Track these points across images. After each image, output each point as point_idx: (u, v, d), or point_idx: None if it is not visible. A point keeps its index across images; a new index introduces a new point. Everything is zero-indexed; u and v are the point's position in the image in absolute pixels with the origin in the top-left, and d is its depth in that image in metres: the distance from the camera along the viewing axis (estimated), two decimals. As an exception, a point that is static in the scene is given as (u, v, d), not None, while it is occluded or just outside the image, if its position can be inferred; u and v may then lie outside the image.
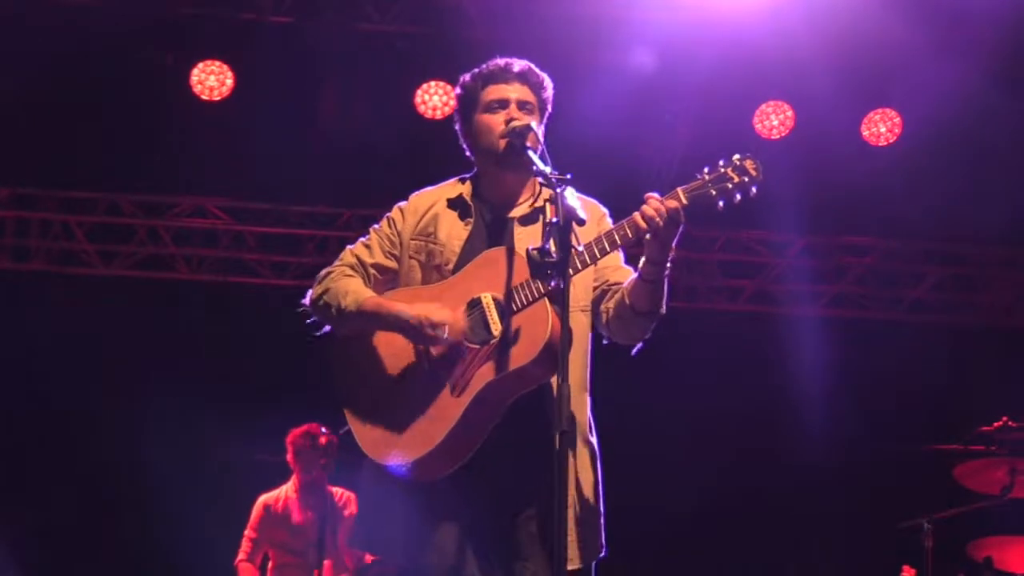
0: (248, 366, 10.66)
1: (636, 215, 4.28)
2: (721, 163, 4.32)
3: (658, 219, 4.22)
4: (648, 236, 4.27)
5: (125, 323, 10.57)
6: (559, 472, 3.85)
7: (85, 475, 10.76)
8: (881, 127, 10.61)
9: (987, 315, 11.84)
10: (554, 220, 4.04)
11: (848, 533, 10.73)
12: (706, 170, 4.32)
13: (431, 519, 4.40)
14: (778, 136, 10.45)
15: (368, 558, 8.99)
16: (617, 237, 4.32)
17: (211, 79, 10.18)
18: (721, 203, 4.29)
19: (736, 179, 4.29)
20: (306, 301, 4.70)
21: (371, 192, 10.88)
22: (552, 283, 4.17)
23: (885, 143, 10.63)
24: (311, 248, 11.40)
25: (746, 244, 11.72)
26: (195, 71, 10.16)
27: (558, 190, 4.08)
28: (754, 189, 4.30)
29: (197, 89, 10.17)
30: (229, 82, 10.19)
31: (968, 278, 11.89)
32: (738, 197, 4.30)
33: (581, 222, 4.08)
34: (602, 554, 4.49)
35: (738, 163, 4.31)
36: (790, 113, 10.47)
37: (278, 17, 9.96)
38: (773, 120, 10.49)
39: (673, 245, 4.31)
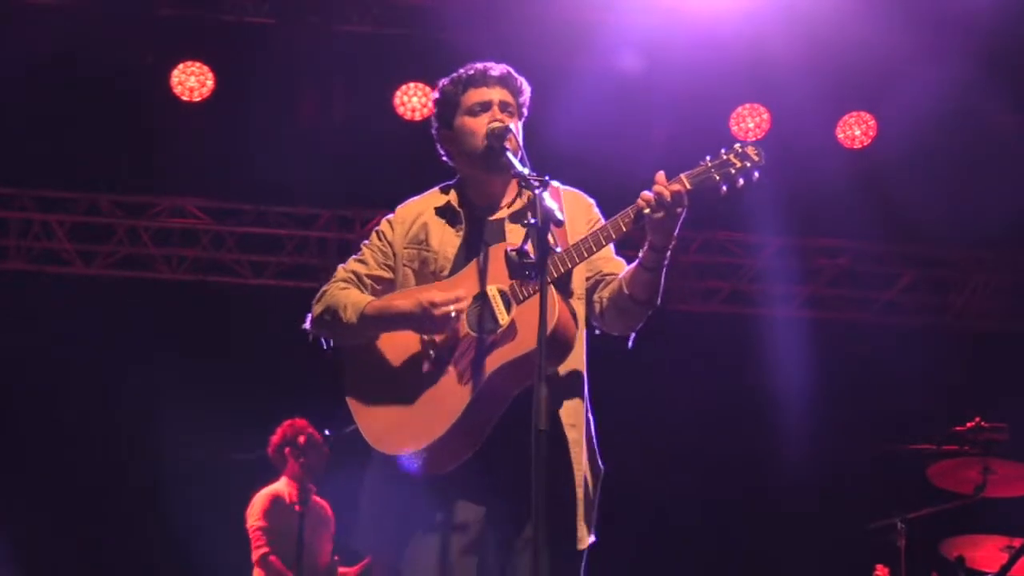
0: (228, 365, 10.68)
1: (639, 199, 4.34)
2: (723, 150, 4.40)
3: (662, 201, 4.29)
4: (652, 217, 4.32)
5: (103, 323, 10.56)
6: (536, 470, 3.87)
7: (66, 475, 10.78)
8: (856, 130, 10.69)
9: (960, 317, 11.92)
10: (532, 221, 4.07)
11: (821, 532, 10.78)
12: (708, 158, 4.39)
13: (432, 516, 4.43)
14: (754, 138, 10.51)
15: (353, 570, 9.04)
16: (622, 224, 4.38)
17: (191, 80, 10.21)
18: (724, 187, 4.36)
19: (739, 164, 4.36)
20: (307, 325, 4.72)
21: (350, 193, 10.93)
22: (532, 282, 4.24)
23: (860, 146, 10.71)
24: (290, 248, 11.41)
25: (721, 245, 11.77)
26: (175, 72, 10.18)
27: (536, 191, 4.12)
28: (756, 174, 4.38)
29: (177, 90, 10.19)
30: (209, 83, 10.22)
31: (941, 280, 11.97)
32: (741, 182, 4.37)
33: (559, 223, 4.13)
34: (592, 540, 4.53)
35: (740, 150, 4.39)
36: (766, 116, 10.55)
37: (258, 18, 9.99)
38: (749, 123, 10.57)
39: (675, 232, 4.37)
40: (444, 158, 4.83)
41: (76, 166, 10.81)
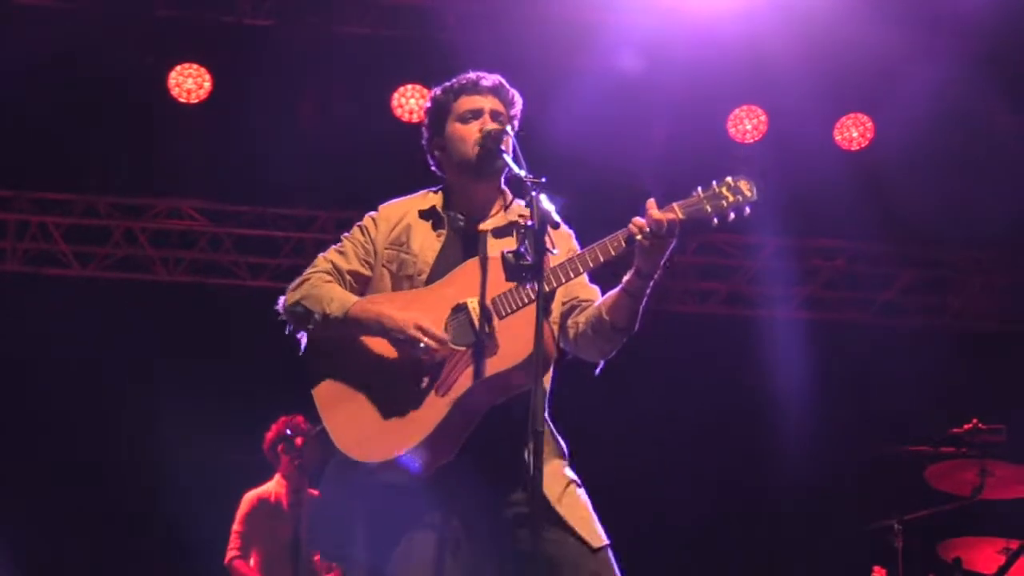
0: (226, 367, 10.67)
1: (630, 224, 4.32)
2: (715, 183, 4.36)
3: (653, 228, 4.26)
4: (641, 244, 4.30)
5: (100, 325, 10.56)
6: (534, 472, 3.88)
7: (65, 476, 10.77)
8: (853, 131, 10.71)
9: (957, 318, 11.93)
10: (529, 223, 4.07)
11: (819, 533, 10.79)
12: (700, 188, 4.36)
13: (402, 520, 4.40)
14: (751, 140, 10.54)
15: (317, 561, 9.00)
16: (611, 248, 4.35)
17: (189, 82, 10.22)
18: (716, 220, 4.34)
19: (731, 198, 4.33)
20: (279, 307, 4.65)
21: (348, 194, 10.92)
22: (528, 285, 4.24)
23: (857, 147, 10.73)
24: (288, 250, 11.42)
25: (719, 247, 11.78)
26: (173, 74, 10.20)
27: (533, 193, 4.12)
28: (748, 209, 4.36)
29: (175, 92, 10.21)
30: (207, 85, 10.23)
31: (938, 281, 11.98)
32: (732, 215, 4.34)
33: (556, 225, 4.12)
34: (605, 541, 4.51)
35: (732, 183, 4.36)
36: (763, 118, 10.56)
37: (256, 20, 9.99)
38: (747, 124, 10.58)
39: (662, 262, 4.35)
40: (433, 167, 4.83)
41: (73, 168, 10.81)
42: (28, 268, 11.24)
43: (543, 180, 4.19)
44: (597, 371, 4.65)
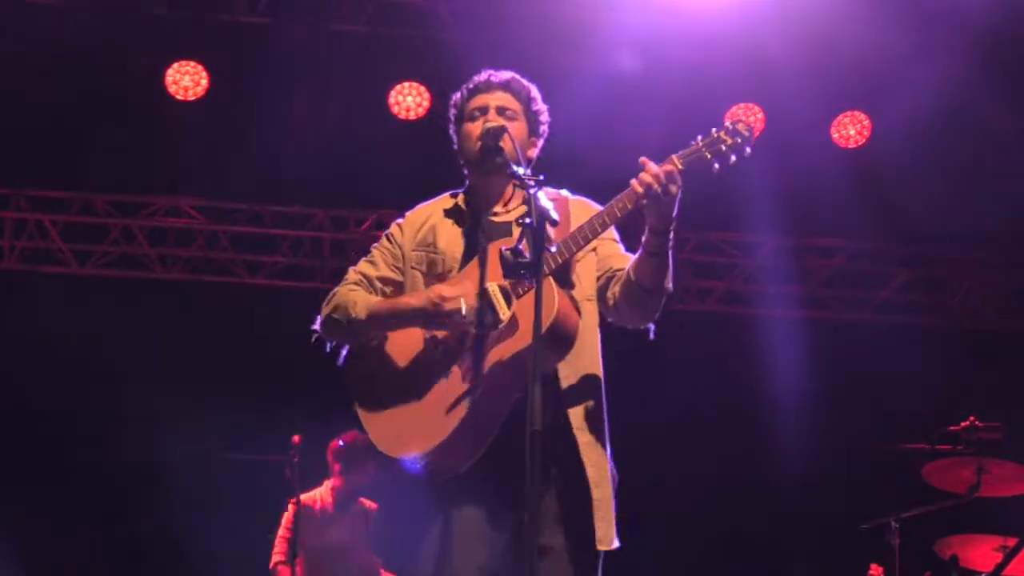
0: (222, 365, 10.67)
1: (633, 183, 4.36)
2: (713, 130, 4.43)
3: (654, 184, 4.30)
4: (646, 203, 4.34)
5: (98, 322, 10.55)
6: (530, 471, 3.87)
7: (61, 475, 10.77)
8: (850, 129, 10.71)
9: (954, 316, 11.93)
10: (527, 221, 4.07)
11: (816, 531, 10.79)
12: (699, 137, 4.42)
13: (445, 517, 4.44)
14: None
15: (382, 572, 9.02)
16: (616, 210, 4.41)
17: (186, 79, 10.22)
18: (717, 165, 4.39)
19: (729, 141, 4.40)
20: (316, 327, 4.75)
21: (345, 192, 10.93)
22: (527, 281, 4.25)
23: (855, 145, 10.72)
24: (285, 248, 11.41)
25: (716, 245, 11.78)
26: (170, 71, 10.19)
27: (531, 191, 4.13)
28: (748, 149, 4.41)
29: (172, 89, 10.20)
30: (204, 82, 10.23)
31: (936, 280, 11.98)
32: (733, 158, 4.41)
33: (554, 223, 4.13)
34: (616, 545, 4.55)
35: (730, 127, 4.42)
36: (760, 115, 10.55)
37: (253, 18, 9.99)
38: (744, 122, 10.57)
39: (674, 214, 4.38)
40: (464, 170, 4.88)
41: (70, 165, 10.80)
42: (25, 266, 11.25)
43: (541, 178, 4.21)
44: (651, 336, 4.70)
